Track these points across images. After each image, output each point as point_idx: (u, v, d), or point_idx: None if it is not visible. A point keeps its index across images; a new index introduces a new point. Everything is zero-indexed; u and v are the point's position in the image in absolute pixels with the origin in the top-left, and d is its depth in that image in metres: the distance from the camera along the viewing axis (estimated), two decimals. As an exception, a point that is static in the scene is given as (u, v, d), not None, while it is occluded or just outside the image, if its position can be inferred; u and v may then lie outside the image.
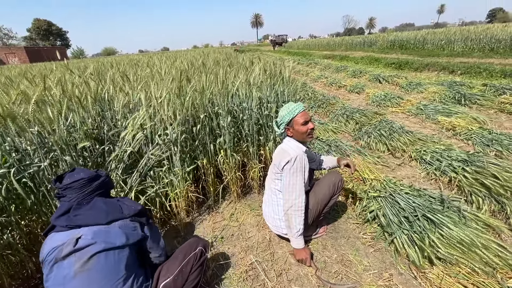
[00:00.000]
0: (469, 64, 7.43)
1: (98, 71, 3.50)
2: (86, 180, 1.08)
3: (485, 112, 4.02)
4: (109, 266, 0.97)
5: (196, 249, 1.29)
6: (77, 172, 1.11)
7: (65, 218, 1.01)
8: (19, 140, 1.56)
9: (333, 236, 1.85)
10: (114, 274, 0.98)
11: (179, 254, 1.27)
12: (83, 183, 1.08)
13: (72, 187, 1.06)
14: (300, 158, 1.46)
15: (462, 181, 2.18)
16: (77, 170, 1.13)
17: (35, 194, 1.57)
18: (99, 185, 1.13)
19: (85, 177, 1.08)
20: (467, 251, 1.48)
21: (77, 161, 1.62)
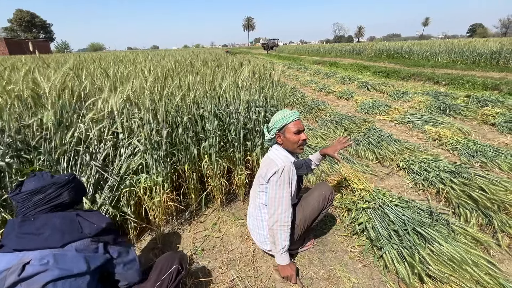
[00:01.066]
0: (452, 75, 7.67)
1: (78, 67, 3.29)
2: (28, 193, 0.91)
3: (469, 123, 4.10)
4: None
5: (171, 268, 1.14)
6: (30, 181, 0.95)
7: (14, 237, 0.85)
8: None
9: (320, 250, 1.76)
10: None
11: (152, 274, 1.13)
12: (25, 196, 0.91)
13: (18, 201, 0.91)
14: (288, 169, 1.36)
15: (450, 192, 2.16)
16: (34, 177, 0.97)
17: None
18: (40, 201, 0.93)
19: (28, 189, 0.91)
20: (458, 268, 1.43)
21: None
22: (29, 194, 0.91)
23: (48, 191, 0.95)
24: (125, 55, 7.40)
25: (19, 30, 57.63)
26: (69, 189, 1.01)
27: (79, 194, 1.07)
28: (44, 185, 0.94)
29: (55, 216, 0.92)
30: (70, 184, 1.02)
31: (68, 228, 0.90)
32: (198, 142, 2.15)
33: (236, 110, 2.11)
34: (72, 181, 1.04)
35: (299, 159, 1.81)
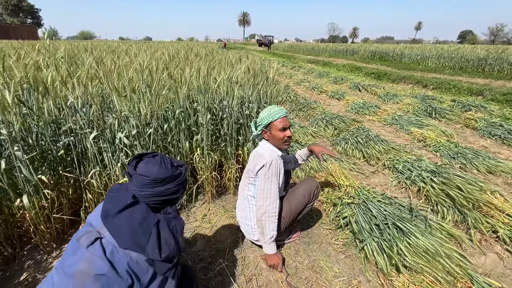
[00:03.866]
0: (440, 80, 7.92)
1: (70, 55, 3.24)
2: (151, 180, 0.86)
3: (452, 126, 4.28)
4: None
5: None
6: (152, 163, 0.89)
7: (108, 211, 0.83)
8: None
9: (305, 241, 1.84)
10: None
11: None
12: (145, 182, 0.86)
13: (136, 179, 0.87)
14: (275, 163, 1.43)
15: (430, 191, 2.28)
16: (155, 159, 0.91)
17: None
18: (159, 193, 0.88)
19: (151, 176, 0.86)
20: (432, 260, 1.54)
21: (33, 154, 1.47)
22: (152, 181, 0.86)
23: (169, 185, 0.90)
24: (117, 46, 7.27)
25: (4, 13, 55.30)
26: (184, 186, 0.96)
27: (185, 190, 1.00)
28: (166, 176, 0.89)
29: (141, 213, 0.84)
30: (186, 181, 0.97)
31: (136, 235, 0.81)
32: (191, 135, 2.19)
33: (229, 105, 2.16)
34: (184, 176, 0.96)
35: (288, 156, 1.88)
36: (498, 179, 2.62)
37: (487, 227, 1.90)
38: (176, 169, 0.94)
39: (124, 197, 0.86)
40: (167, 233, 0.85)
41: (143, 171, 0.88)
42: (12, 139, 1.36)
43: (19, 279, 1.49)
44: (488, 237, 1.86)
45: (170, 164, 0.92)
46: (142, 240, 0.80)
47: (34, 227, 1.54)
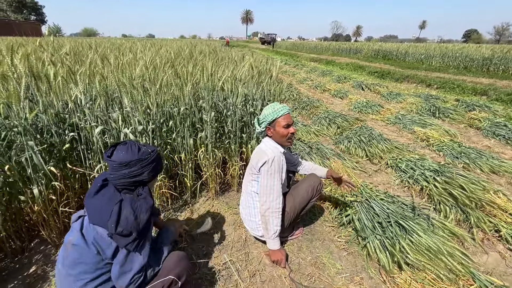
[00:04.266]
0: (444, 79, 7.87)
1: (74, 52, 3.27)
2: (117, 164, 0.99)
3: (456, 126, 4.27)
4: (79, 263, 0.95)
5: (166, 276, 1.07)
6: (122, 149, 1.02)
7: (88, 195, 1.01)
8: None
9: (308, 238, 1.86)
10: (82, 272, 0.95)
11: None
12: (113, 165, 0.99)
13: (109, 164, 1.01)
14: (277, 159, 1.44)
15: (433, 190, 2.28)
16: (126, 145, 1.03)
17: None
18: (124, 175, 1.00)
19: (117, 160, 0.99)
20: (434, 257, 1.55)
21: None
22: (117, 164, 0.99)
23: (133, 168, 1.00)
24: (121, 43, 7.29)
25: (9, 10, 55.50)
26: (151, 168, 1.06)
27: (157, 172, 1.11)
28: (131, 160, 1.00)
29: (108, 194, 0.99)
30: (154, 163, 1.06)
31: (102, 212, 0.95)
32: (195, 132, 2.21)
33: (233, 102, 2.17)
34: (156, 159, 1.08)
35: (293, 155, 1.89)
36: (501, 179, 2.62)
37: (490, 227, 1.91)
38: (144, 154, 1.04)
39: (100, 180, 1.03)
40: (128, 210, 0.97)
41: (113, 157, 1.01)
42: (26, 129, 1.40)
43: (28, 271, 1.52)
44: (490, 236, 1.86)
45: (137, 149, 1.04)
46: (105, 216, 0.94)
47: (43, 220, 1.57)
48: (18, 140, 1.45)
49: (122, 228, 0.93)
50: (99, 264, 0.96)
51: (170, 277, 1.06)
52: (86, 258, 0.95)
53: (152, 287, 1.04)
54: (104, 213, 0.94)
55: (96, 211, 0.96)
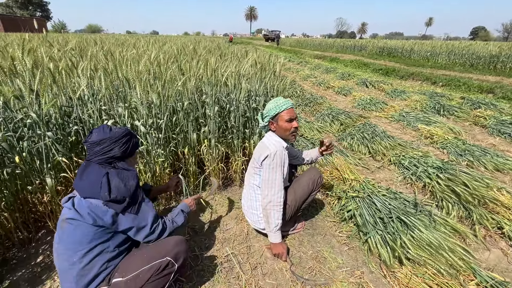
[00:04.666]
0: (450, 77, 7.77)
1: (80, 48, 3.30)
2: (90, 144, 1.09)
3: (460, 124, 4.23)
4: (75, 235, 1.02)
5: (163, 257, 1.11)
6: (95, 131, 1.12)
7: (77, 175, 1.11)
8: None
9: (310, 233, 1.88)
10: (77, 243, 1.02)
11: (145, 254, 1.13)
12: (88, 145, 1.10)
13: (86, 146, 1.11)
14: (280, 153, 1.45)
15: (435, 187, 2.28)
16: (98, 128, 1.13)
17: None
18: (97, 152, 1.10)
19: (90, 141, 1.09)
20: (435, 253, 1.55)
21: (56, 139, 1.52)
22: (90, 144, 1.10)
23: (103, 145, 1.10)
24: (125, 39, 7.33)
25: (15, 7, 55.88)
26: (121, 144, 1.14)
27: (131, 149, 1.19)
28: (102, 139, 1.10)
29: (93, 170, 1.08)
30: (123, 139, 1.15)
31: (92, 186, 1.05)
32: (198, 127, 2.23)
33: (236, 98, 2.18)
34: (125, 136, 1.16)
35: (296, 150, 1.90)
36: (505, 177, 2.60)
37: (492, 224, 1.91)
38: (113, 133, 1.13)
39: (83, 165, 1.13)
40: (116, 180, 1.08)
41: (87, 138, 1.12)
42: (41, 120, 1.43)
43: (35, 261, 1.56)
44: (493, 233, 1.86)
45: (108, 130, 1.14)
46: (96, 188, 1.04)
47: (50, 212, 1.61)
48: (30, 132, 1.48)
49: (115, 195, 1.05)
50: (95, 234, 1.03)
51: (167, 258, 1.11)
52: (81, 230, 1.02)
53: (150, 267, 1.08)
54: (95, 186, 1.04)
55: (86, 186, 1.05)
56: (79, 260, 1.01)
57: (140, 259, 1.11)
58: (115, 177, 1.08)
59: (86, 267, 1.02)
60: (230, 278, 1.49)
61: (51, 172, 1.56)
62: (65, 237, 1.02)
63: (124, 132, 1.16)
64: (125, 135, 1.16)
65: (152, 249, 1.16)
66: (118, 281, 1.05)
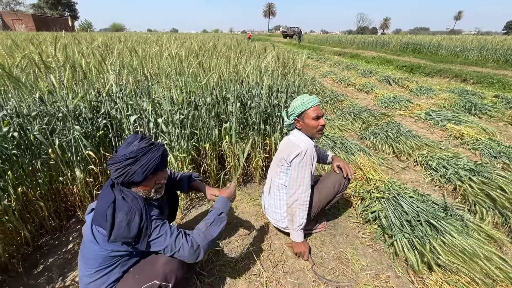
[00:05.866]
0: (482, 74, 7.28)
1: (106, 44, 3.42)
2: (110, 162, 0.98)
3: (494, 124, 3.95)
4: (89, 252, 1.00)
5: (151, 281, 0.99)
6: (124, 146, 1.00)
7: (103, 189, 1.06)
8: (20, 104, 1.51)
9: (332, 233, 1.83)
10: (90, 260, 1.00)
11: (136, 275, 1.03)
12: (109, 162, 0.99)
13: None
14: (310, 152, 1.42)
15: (467, 190, 2.14)
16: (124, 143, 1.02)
17: (32, 160, 1.53)
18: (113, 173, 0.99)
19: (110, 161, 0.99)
20: (468, 260, 1.46)
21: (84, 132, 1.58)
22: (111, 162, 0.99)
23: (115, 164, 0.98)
24: (147, 37, 7.52)
25: (45, 7, 59.07)
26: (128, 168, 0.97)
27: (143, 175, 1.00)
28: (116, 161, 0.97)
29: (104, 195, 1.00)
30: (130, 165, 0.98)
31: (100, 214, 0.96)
32: (220, 122, 2.23)
33: (258, 94, 2.16)
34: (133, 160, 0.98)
35: (319, 148, 1.85)
36: (547, 182, 2.39)
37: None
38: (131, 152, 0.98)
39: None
40: (121, 216, 0.94)
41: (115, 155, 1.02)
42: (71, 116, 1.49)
43: (66, 247, 1.64)
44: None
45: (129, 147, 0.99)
46: (103, 220, 0.94)
47: (79, 201, 1.68)
48: (60, 126, 1.55)
49: (115, 237, 0.93)
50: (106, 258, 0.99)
51: (156, 282, 0.99)
52: (94, 251, 0.99)
53: None
54: (102, 216, 0.95)
55: (96, 212, 0.98)
56: (89, 275, 1.00)
57: (132, 281, 1.01)
58: (121, 211, 0.95)
59: (94, 282, 1.00)
60: (251, 275, 1.48)
61: (80, 165, 1.63)
62: (83, 248, 1.02)
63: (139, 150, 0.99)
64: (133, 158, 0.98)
65: (141, 270, 1.04)
66: None
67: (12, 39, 2.55)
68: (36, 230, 1.68)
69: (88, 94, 1.77)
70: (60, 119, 1.59)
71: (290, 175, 1.46)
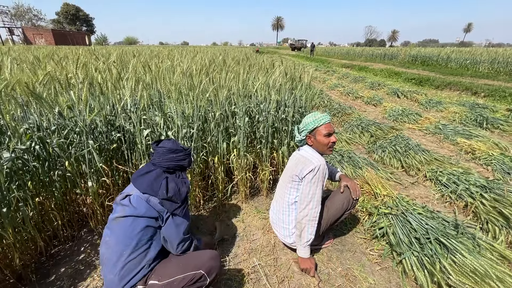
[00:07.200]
0: (494, 87, 7.18)
1: (121, 60, 3.58)
2: (166, 149, 1.26)
3: (507, 138, 3.87)
4: (129, 230, 1.12)
5: (197, 270, 1.15)
6: (168, 141, 1.32)
7: (136, 175, 1.26)
8: (41, 119, 1.60)
9: (338, 249, 1.81)
10: (129, 239, 1.11)
11: (181, 263, 1.19)
12: (163, 150, 1.26)
13: (157, 151, 1.27)
14: (323, 168, 1.44)
15: (479, 207, 2.10)
16: (170, 140, 1.34)
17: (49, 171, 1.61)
18: (172, 158, 1.26)
19: (167, 147, 1.27)
20: (480, 281, 1.42)
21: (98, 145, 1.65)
22: (167, 150, 1.27)
23: (179, 154, 1.29)
24: (159, 50, 7.81)
25: (64, 22, 62.19)
26: (189, 157, 1.35)
27: (191, 163, 1.37)
28: (178, 148, 1.30)
29: (156, 173, 1.24)
30: (190, 155, 1.36)
31: (152, 185, 1.20)
32: (228, 136, 2.28)
33: (266, 108, 2.21)
34: (191, 153, 1.37)
35: (328, 164, 1.87)
36: None
37: (549, 253, 1.70)
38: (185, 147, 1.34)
39: (146, 166, 1.29)
40: (173, 184, 1.22)
41: (162, 145, 1.29)
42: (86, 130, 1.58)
43: (78, 257, 1.68)
44: (549, 264, 1.66)
45: (179, 144, 1.33)
46: (155, 187, 1.19)
47: (92, 212, 1.73)
48: (76, 139, 1.63)
49: (172, 194, 1.18)
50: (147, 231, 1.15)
51: (201, 271, 1.16)
52: (136, 225, 1.13)
53: (184, 277, 1.13)
54: (155, 186, 1.19)
55: (148, 185, 1.19)
56: (129, 254, 1.09)
57: (176, 266, 1.17)
58: (172, 182, 1.23)
59: (133, 261, 1.10)
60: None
61: (94, 177, 1.70)
62: (120, 231, 1.12)
63: (190, 148, 1.38)
64: (190, 152, 1.36)
65: (188, 259, 1.21)
66: (154, 284, 1.11)
67: (35, 55, 2.72)
68: (49, 239, 1.74)
69: (104, 109, 1.86)
70: (77, 133, 1.67)
71: (301, 190, 1.48)
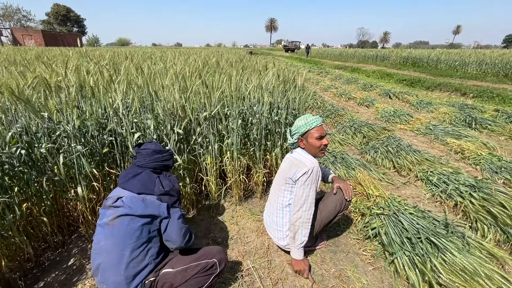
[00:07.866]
0: (482, 88, 7.36)
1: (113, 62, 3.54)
2: (151, 150, 1.31)
3: (495, 138, 3.97)
4: (127, 230, 1.12)
5: (211, 258, 1.26)
6: (150, 143, 1.36)
7: (123, 178, 1.26)
8: (29, 123, 1.57)
9: (332, 250, 1.83)
10: (128, 238, 1.12)
11: (193, 253, 1.30)
12: (148, 152, 1.30)
13: (141, 153, 1.31)
14: (316, 170, 1.45)
15: (468, 206, 2.14)
16: (152, 142, 1.39)
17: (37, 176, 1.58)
18: (157, 159, 1.31)
19: (151, 148, 1.31)
20: (470, 279, 1.45)
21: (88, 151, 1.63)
22: (152, 151, 1.31)
23: (164, 154, 1.34)
24: (152, 52, 7.75)
25: (54, 23, 61.11)
26: (173, 158, 1.40)
27: (173, 164, 1.43)
28: (162, 149, 1.35)
29: (147, 173, 1.27)
30: (173, 155, 1.42)
31: (147, 184, 1.23)
32: (221, 138, 2.28)
33: (259, 111, 2.21)
34: (172, 154, 1.43)
35: (321, 166, 1.88)
36: (549, 198, 2.38)
37: (535, 250, 1.75)
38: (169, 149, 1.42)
39: (133, 169, 1.30)
40: (166, 181, 1.29)
41: (145, 147, 1.33)
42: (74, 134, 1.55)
43: (67, 264, 1.65)
44: (536, 261, 1.70)
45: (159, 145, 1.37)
46: (150, 186, 1.23)
47: (82, 217, 1.70)
48: (65, 144, 1.60)
49: (169, 188, 1.25)
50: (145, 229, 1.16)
51: (214, 259, 1.26)
52: (134, 224, 1.14)
53: (197, 264, 1.22)
54: (150, 184, 1.23)
55: (142, 185, 1.22)
56: (130, 253, 1.11)
57: (189, 256, 1.27)
58: (165, 179, 1.29)
59: (136, 259, 1.13)
60: (250, 293, 1.48)
61: (83, 182, 1.66)
62: (117, 232, 1.12)
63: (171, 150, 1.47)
64: (172, 153, 1.41)
65: (199, 251, 1.32)
66: (168, 271, 1.19)
67: (23, 57, 2.67)
68: (39, 245, 1.70)
69: (95, 112, 1.83)
70: (66, 137, 1.65)
71: (295, 193, 1.48)
